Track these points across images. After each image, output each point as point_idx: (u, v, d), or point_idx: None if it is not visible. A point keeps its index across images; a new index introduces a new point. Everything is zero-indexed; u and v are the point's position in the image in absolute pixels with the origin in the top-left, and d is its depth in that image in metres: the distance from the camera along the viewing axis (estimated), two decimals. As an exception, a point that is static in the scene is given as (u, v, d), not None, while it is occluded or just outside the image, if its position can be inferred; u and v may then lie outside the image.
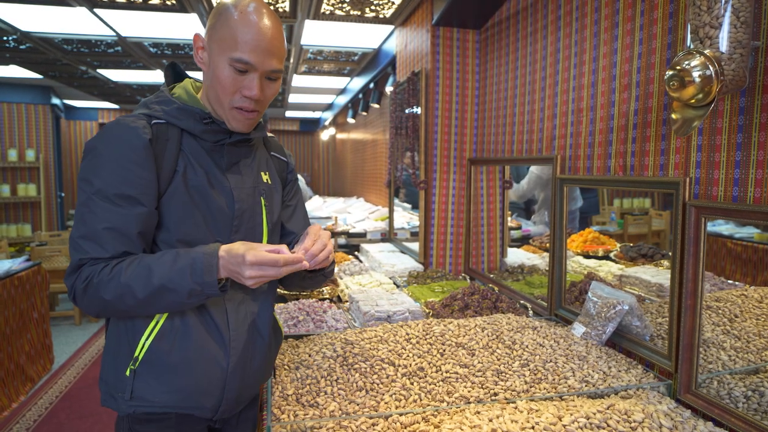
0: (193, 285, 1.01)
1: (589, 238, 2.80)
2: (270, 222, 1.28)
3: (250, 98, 1.12)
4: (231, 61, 1.09)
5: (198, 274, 1.00)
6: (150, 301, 1.03)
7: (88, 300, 1.05)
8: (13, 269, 3.60)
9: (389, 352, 1.50)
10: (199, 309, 1.15)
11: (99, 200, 1.05)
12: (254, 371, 1.23)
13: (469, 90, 2.96)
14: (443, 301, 2.16)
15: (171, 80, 1.27)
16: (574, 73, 2.01)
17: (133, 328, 1.13)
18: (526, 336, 1.61)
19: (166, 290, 1.02)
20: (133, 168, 1.06)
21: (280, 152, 1.42)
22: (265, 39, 1.09)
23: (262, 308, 1.26)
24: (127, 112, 9.90)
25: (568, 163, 2.04)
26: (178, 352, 1.12)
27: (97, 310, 1.07)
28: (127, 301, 1.03)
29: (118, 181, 1.05)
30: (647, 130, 1.60)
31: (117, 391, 1.14)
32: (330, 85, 6.41)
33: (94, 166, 1.06)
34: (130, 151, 1.07)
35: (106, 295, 1.02)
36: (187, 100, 1.18)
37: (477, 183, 2.96)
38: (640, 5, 1.63)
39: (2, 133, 7.16)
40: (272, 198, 1.30)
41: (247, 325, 1.21)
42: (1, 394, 3.29)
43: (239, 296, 1.21)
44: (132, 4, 3.23)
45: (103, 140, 1.08)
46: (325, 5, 3.23)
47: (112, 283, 1.02)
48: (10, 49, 4.61)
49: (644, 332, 1.63)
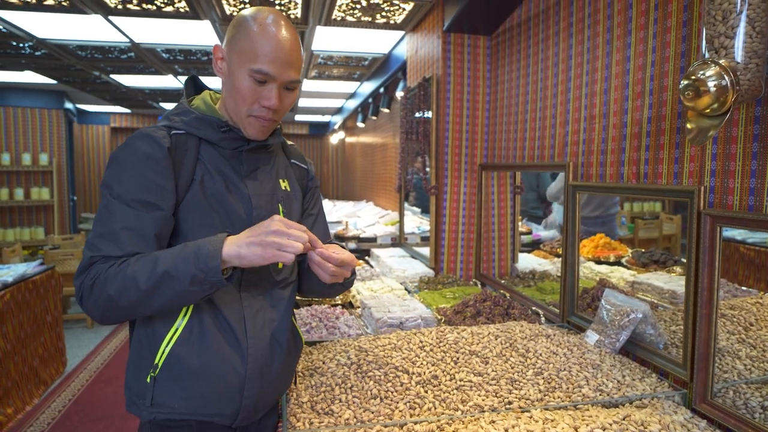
0: (195, 271, 1.00)
1: (601, 244, 2.79)
2: None
3: (269, 108, 1.15)
4: (251, 72, 1.12)
5: (202, 260, 1.00)
6: (152, 293, 1.02)
7: (93, 299, 1.04)
8: (27, 273, 3.66)
9: (403, 359, 1.50)
10: (216, 316, 1.16)
11: (118, 203, 1.08)
12: (273, 379, 1.23)
13: (480, 96, 2.97)
14: (455, 308, 2.16)
15: (192, 92, 1.31)
16: (586, 79, 2.01)
17: (154, 335, 1.14)
18: (540, 344, 1.61)
19: (169, 278, 1.01)
20: (151, 175, 1.10)
21: (300, 160, 1.44)
22: (283, 51, 1.12)
23: (280, 316, 1.26)
24: (138, 117, 9.96)
25: (581, 170, 2.04)
26: (196, 358, 1.13)
27: (101, 311, 1.05)
28: (130, 295, 1.01)
29: (137, 188, 1.09)
30: (661, 138, 1.60)
31: (139, 398, 1.16)
32: (340, 89, 6.44)
33: (115, 172, 1.11)
34: (149, 159, 1.11)
35: (111, 290, 1.02)
36: (206, 110, 1.22)
37: (488, 188, 2.96)
38: (654, 13, 1.63)
39: (17, 138, 7.27)
40: (290, 205, 1.32)
41: (266, 332, 1.21)
42: (15, 397, 3.34)
43: (257, 303, 1.22)
44: (146, 11, 3.27)
45: (125, 149, 1.13)
46: (337, 12, 3.25)
47: (118, 276, 1.02)
48: (26, 56, 4.68)
49: (658, 340, 1.62)
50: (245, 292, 1.21)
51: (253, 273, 1.22)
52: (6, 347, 3.25)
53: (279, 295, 1.27)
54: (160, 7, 3.22)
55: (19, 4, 3.17)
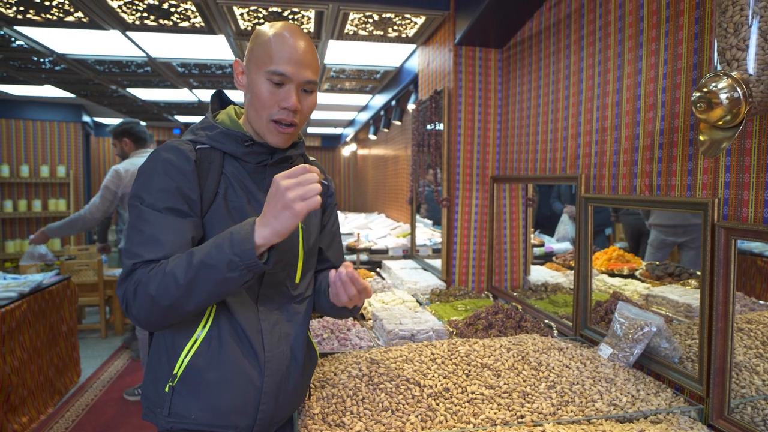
0: (231, 256, 0.99)
1: (614, 256, 2.76)
2: (306, 245, 1.28)
3: (288, 109, 1.17)
4: (267, 75, 1.15)
5: (236, 244, 0.99)
6: (191, 285, 1.01)
7: (138, 303, 1.05)
8: (44, 283, 3.71)
9: (414, 371, 1.50)
10: (235, 328, 1.17)
11: (151, 211, 1.10)
12: (289, 393, 1.24)
13: (492, 108, 2.98)
14: (467, 320, 2.15)
15: (217, 107, 1.34)
16: (598, 92, 2.01)
17: (173, 345, 1.16)
18: (552, 357, 1.60)
19: (206, 267, 1.01)
20: (179, 186, 1.13)
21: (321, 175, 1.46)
22: (298, 51, 1.16)
23: (297, 330, 1.27)
24: (154, 130, 10.08)
25: (593, 182, 2.03)
26: (214, 370, 1.14)
27: (146, 314, 1.06)
28: (170, 291, 1.02)
29: (167, 197, 1.11)
30: (674, 150, 1.59)
31: (156, 407, 1.18)
32: (352, 102, 6.49)
33: (144, 183, 1.13)
34: (176, 170, 1.14)
35: (152, 290, 1.03)
36: (230, 124, 1.24)
37: (500, 201, 2.96)
38: (665, 26, 1.64)
39: (35, 150, 7.41)
40: (309, 221, 1.32)
41: (282, 346, 1.22)
42: (31, 407, 3.37)
43: (274, 317, 1.23)
44: (162, 26, 3.34)
45: (153, 161, 1.15)
46: (349, 26, 3.29)
47: (158, 276, 1.03)
48: (46, 70, 4.79)
49: (673, 354, 1.60)
50: (262, 306, 1.22)
51: (270, 288, 1.24)
52: (23, 357, 3.29)
53: (295, 310, 1.28)
54: (176, 23, 3.28)
55: (41, 20, 3.25)
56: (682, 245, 2.49)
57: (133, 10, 3.04)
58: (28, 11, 3.10)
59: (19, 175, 7.19)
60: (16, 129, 7.27)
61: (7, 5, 3.00)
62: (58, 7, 3.03)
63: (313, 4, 2.88)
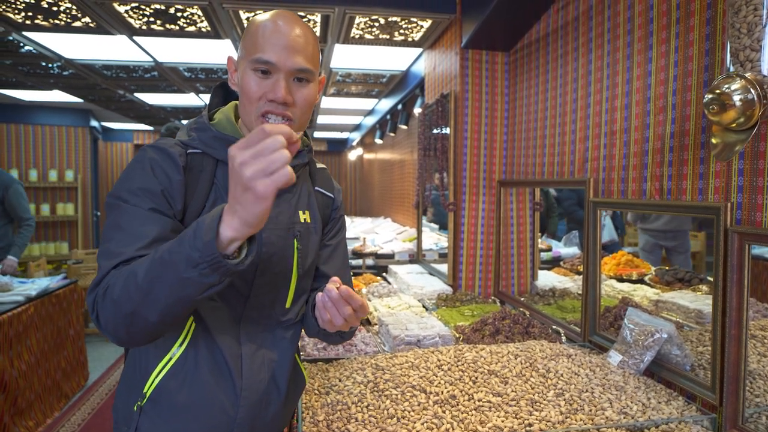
0: (189, 250, 0.79)
1: (623, 261, 2.73)
2: (301, 267, 1.16)
3: (275, 101, 1.01)
4: (252, 64, 1.01)
5: (198, 235, 0.79)
6: (149, 288, 0.83)
7: (105, 311, 0.88)
8: (51, 287, 3.72)
9: (420, 378, 1.48)
10: (213, 351, 1.06)
11: (136, 208, 0.97)
12: (267, 424, 1.13)
13: (499, 112, 2.96)
14: (473, 326, 2.13)
15: (221, 101, 1.20)
16: (606, 95, 1.98)
17: (147, 361, 1.06)
18: (561, 364, 1.57)
19: (163, 264, 0.83)
20: (164, 188, 1.00)
21: (326, 187, 1.29)
22: (284, 36, 1.01)
23: (282, 356, 1.14)
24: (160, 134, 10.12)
25: (602, 186, 2.00)
26: (185, 393, 1.03)
27: (113, 326, 0.88)
28: (131, 294, 0.84)
29: (150, 198, 0.98)
30: (684, 154, 1.56)
31: (124, 424, 1.09)
32: (358, 106, 6.49)
33: (127, 182, 1.00)
34: (162, 173, 1.01)
35: (115, 293, 0.86)
36: (226, 126, 1.10)
37: (507, 205, 2.93)
38: (675, 27, 1.61)
39: (44, 155, 7.46)
40: (308, 240, 1.18)
41: (264, 374, 1.10)
42: (37, 410, 3.37)
43: (258, 341, 1.11)
44: (169, 31, 3.35)
45: (139, 160, 1.03)
46: (355, 30, 3.28)
47: (123, 275, 0.87)
48: (55, 75, 4.82)
49: (684, 361, 1.57)
50: (245, 328, 1.10)
51: (255, 309, 1.11)
52: (30, 360, 3.30)
53: (281, 335, 1.16)
54: (183, 27, 3.29)
55: (49, 26, 3.27)
56: (670, 250, 2.49)
57: (139, 15, 3.05)
58: (36, 17, 3.11)
59: (28, 179, 7.24)
60: (25, 134, 7.33)
61: (15, 11, 3.02)
62: (65, 13, 3.04)
63: (319, 8, 2.88)
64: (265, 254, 1.09)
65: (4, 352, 3.02)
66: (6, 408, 2.99)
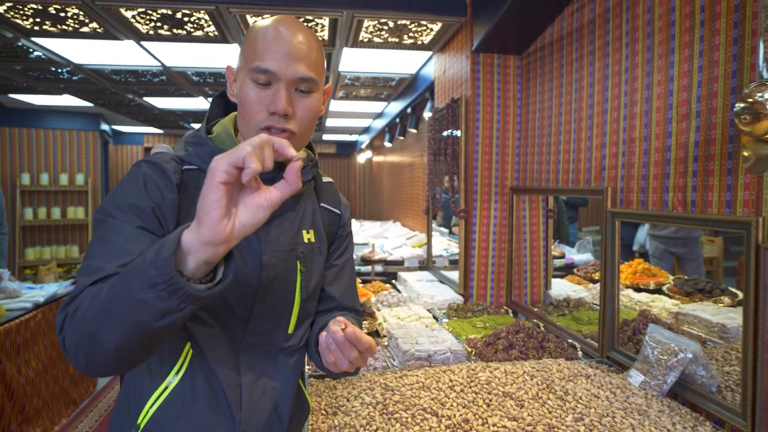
0: (148, 267, 0.69)
1: (639, 270, 2.64)
2: (305, 291, 1.09)
3: (276, 113, 0.93)
4: (251, 74, 0.94)
5: (159, 252, 0.69)
6: (108, 304, 0.74)
7: (71, 328, 0.78)
8: (59, 293, 3.70)
9: (432, 400, 1.41)
10: (211, 380, 0.99)
11: (125, 225, 0.89)
12: None
13: (511, 117, 2.88)
14: (486, 339, 2.06)
15: (221, 112, 1.14)
16: (625, 100, 1.91)
17: (142, 390, 0.99)
18: (579, 385, 1.50)
19: (124, 281, 0.73)
20: (156, 204, 0.93)
21: (332, 203, 1.21)
22: (285, 42, 0.94)
23: (284, 384, 1.07)
24: (170, 137, 10.12)
25: (620, 195, 1.93)
26: (181, 427, 0.97)
27: (75, 349, 0.78)
28: (92, 310, 0.76)
29: (141, 216, 0.91)
30: (710, 164, 1.48)
31: None
32: (367, 109, 6.44)
33: (117, 198, 0.93)
34: (155, 190, 0.94)
35: (80, 311, 0.77)
36: (225, 140, 1.03)
37: (519, 212, 2.86)
38: (699, 30, 1.54)
39: (55, 158, 7.49)
40: (312, 261, 1.10)
41: (265, 404, 1.04)
42: (45, 417, 3.34)
43: (258, 369, 1.05)
44: (176, 36, 3.32)
45: (132, 175, 0.96)
46: (364, 33, 3.23)
47: (92, 292, 0.78)
48: (64, 80, 4.82)
49: (710, 383, 1.49)
50: (245, 356, 1.03)
51: (255, 336, 1.04)
52: (38, 367, 3.27)
53: (283, 362, 1.08)
54: (190, 32, 3.25)
55: (57, 32, 3.25)
56: (681, 256, 2.42)
57: (146, 20, 3.02)
58: (44, 22, 3.10)
59: (39, 183, 7.27)
60: (37, 138, 7.36)
61: (24, 17, 3.00)
62: (73, 18, 3.02)
63: (327, 12, 2.83)
64: (266, 278, 1.02)
65: (12, 360, 3.00)
66: (13, 416, 2.96)
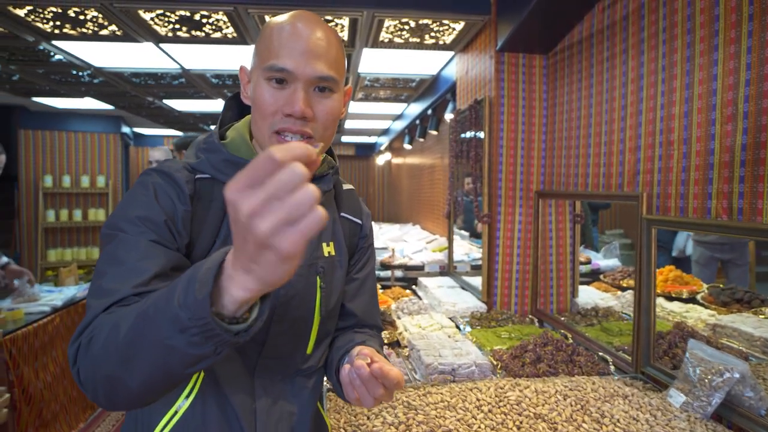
0: (177, 309, 0.59)
1: (671, 277, 2.53)
2: (325, 308, 1.02)
3: (293, 116, 0.86)
4: (266, 73, 0.88)
5: (190, 290, 0.58)
6: (129, 348, 0.65)
7: (85, 363, 0.70)
8: (77, 296, 3.69)
9: (458, 421, 1.33)
10: (222, 404, 0.92)
11: (137, 239, 0.82)
12: None
13: (537, 118, 2.78)
14: (512, 352, 1.96)
15: (235, 115, 1.08)
16: (662, 101, 1.80)
17: (149, 415, 0.93)
18: (617, 406, 1.40)
19: (147, 321, 0.63)
20: (168, 217, 0.87)
21: (353, 212, 1.14)
22: (303, 39, 0.87)
23: (302, 408, 1.00)
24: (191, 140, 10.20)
25: (656, 201, 1.82)
26: None
27: (92, 386, 0.70)
28: (110, 352, 0.67)
29: (153, 229, 0.84)
30: (760, 169, 1.37)
31: None
32: (386, 111, 6.37)
33: (127, 210, 0.86)
34: (167, 201, 0.88)
35: (96, 347, 0.68)
36: (240, 146, 0.96)
37: (545, 217, 2.75)
38: (747, 25, 1.43)
39: (77, 161, 7.58)
40: (332, 276, 1.04)
41: (282, 430, 0.96)
42: (62, 421, 3.34)
43: (275, 392, 0.97)
44: (195, 38, 3.29)
45: (141, 185, 0.90)
46: (384, 33, 3.15)
47: (109, 324, 0.69)
48: (85, 83, 4.85)
49: (759, 405, 1.38)
50: (259, 379, 0.96)
51: (271, 358, 0.97)
52: (55, 371, 3.27)
53: (301, 384, 1.01)
54: (209, 34, 3.22)
55: (77, 35, 3.25)
56: (727, 262, 2.31)
57: (165, 22, 2.99)
58: (64, 26, 3.09)
59: (61, 185, 7.35)
60: (59, 140, 7.45)
61: (44, 20, 3.00)
62: (92, 21, 3.00)
63: (347, 12, 2.76)
64: (284, 297, 0.95)
65: (30, 364, 2.99)
66: (30, 420, 2.96)
